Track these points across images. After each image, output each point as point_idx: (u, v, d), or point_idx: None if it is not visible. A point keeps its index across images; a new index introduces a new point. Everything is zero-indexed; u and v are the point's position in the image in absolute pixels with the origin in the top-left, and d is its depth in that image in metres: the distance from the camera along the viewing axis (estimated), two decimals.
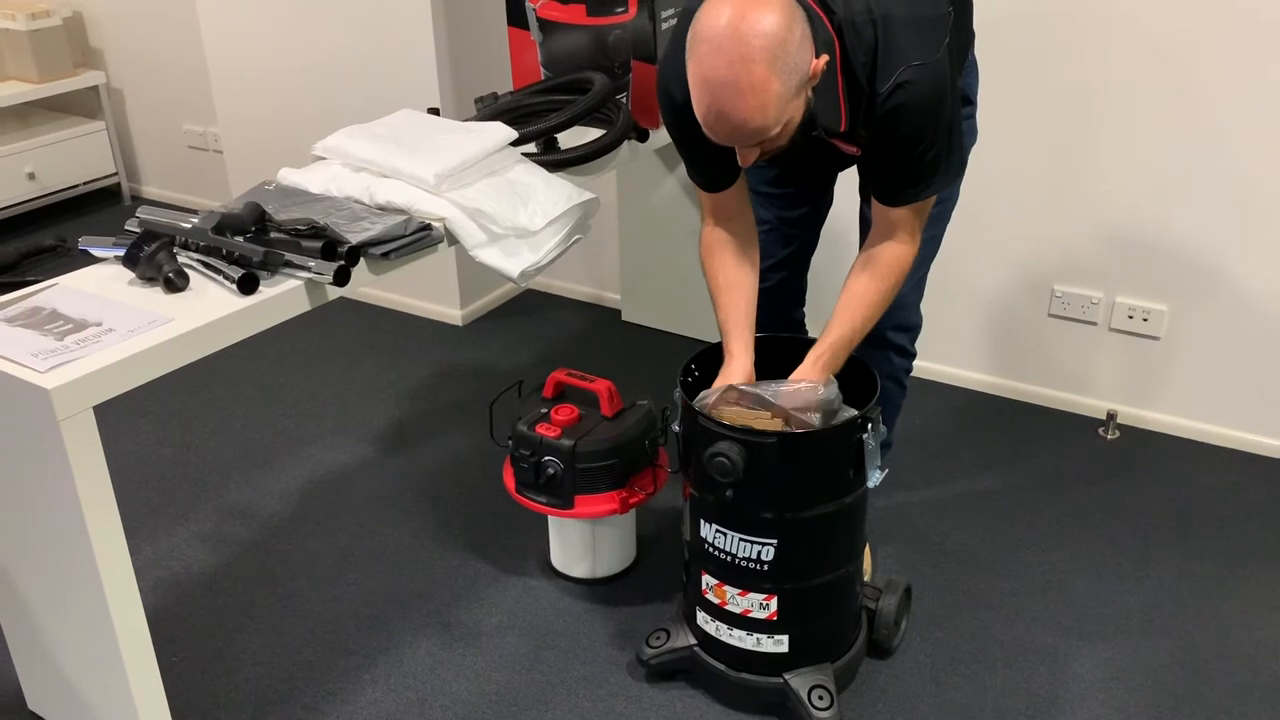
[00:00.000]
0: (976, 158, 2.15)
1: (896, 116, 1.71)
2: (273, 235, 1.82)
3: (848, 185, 2.19)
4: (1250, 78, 2.46)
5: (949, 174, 1.83)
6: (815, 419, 1.82)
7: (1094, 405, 2.90)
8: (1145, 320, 2.76)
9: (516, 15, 2.51)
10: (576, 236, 2.10)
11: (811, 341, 1.95)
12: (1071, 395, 2.94)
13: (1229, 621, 2.22)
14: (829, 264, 2.60)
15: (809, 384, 1.84)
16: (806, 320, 2.39)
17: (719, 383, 1.89)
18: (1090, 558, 2.40)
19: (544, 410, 2.24)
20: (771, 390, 1.85)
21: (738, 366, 1.91)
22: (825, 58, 1.63)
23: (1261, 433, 2.74)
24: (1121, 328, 2.80)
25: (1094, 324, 2.84)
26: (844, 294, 1.90)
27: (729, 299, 1.96)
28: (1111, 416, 2.84)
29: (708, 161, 1.92)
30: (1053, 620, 2.23)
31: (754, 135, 1.62)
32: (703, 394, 1.88)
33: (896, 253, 1.87)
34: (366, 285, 1.88)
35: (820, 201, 2.22)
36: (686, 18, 1.81)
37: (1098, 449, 2.79)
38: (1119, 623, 2.22)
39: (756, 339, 2.03)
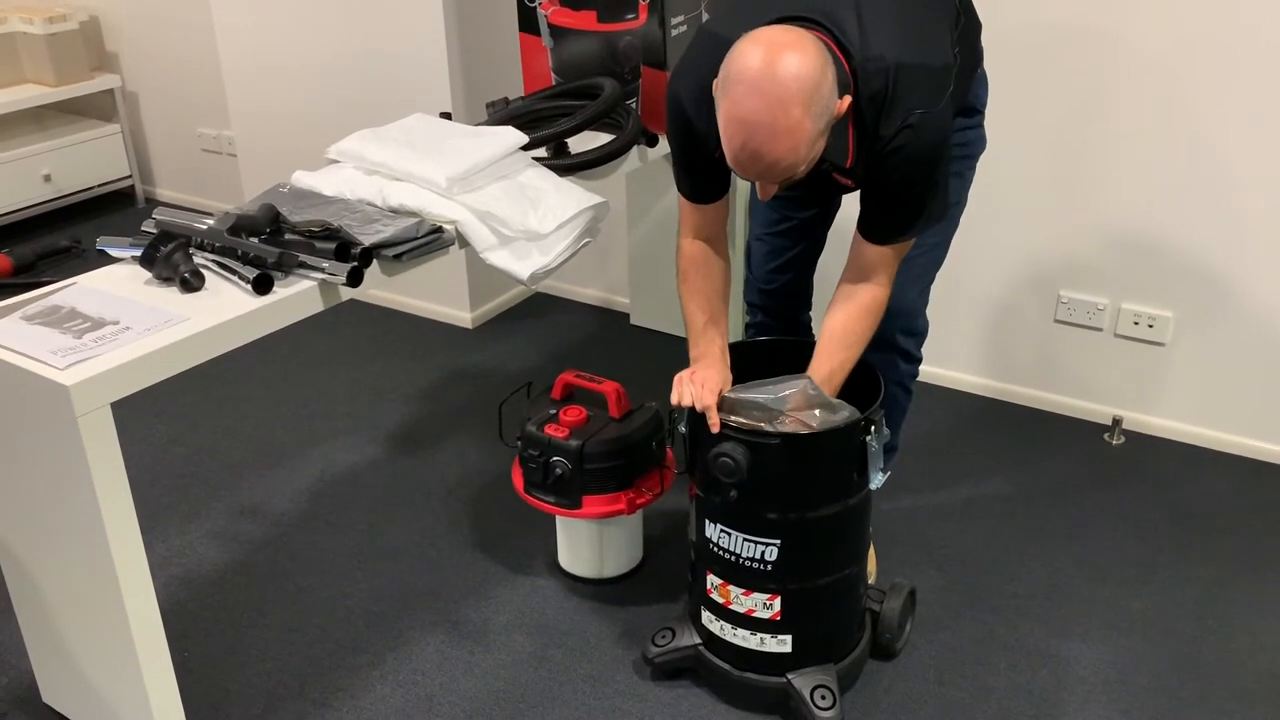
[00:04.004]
0: (985, 165, 2.17)
1: (894, 159, 1.75)
2: (287, 237, 1.85)
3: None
4: (1258, 88, 2.48)
5: (931, 220, 1.87)
6: (814, 418, 1.84)
7: (1099, 411, 2.92)
8: (1151, 326, 2.78)
9: (528, 21, 2.54)
10: (586, 240, 2.13)
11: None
12: (1077, 401, 2.95)
13: (1232, 626, 2.24)
14: (837, 268, 2.62)
15: (802, 382, 1.86)
16: (814, 324, 2.41)
17: (699, 372, 1.90)
18: (1094, 562, 2.42)
19: (552, 411, 2.26)
20: (766, 395, 1.87)
21: (719, 363, 1.93)
22: (848, 98, 1.67)
23: (1266, 439, 2.75)
24: (1127, 334, 2.82)
25: (1100, 330, 2.85)
26: (822, 334, 1.93)
27: (717, 305, 1.99)
28: (1117, 422, 2.86)
29: (704, 175, 1.95)
30: (1056, 623, 2.25)
31: (785, 173, 1.65)
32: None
33: (873, 295, 1.91)
34: (378, 287, 1.90)
35: (828, 204, 2.24)
36: (704, 38, 1.84)
37: (1103, 454, 2.80)
38: (1122, 626, 2.24)
39: (763, 342, 2.07)
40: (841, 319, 1.91)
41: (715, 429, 1.83)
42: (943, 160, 1.80)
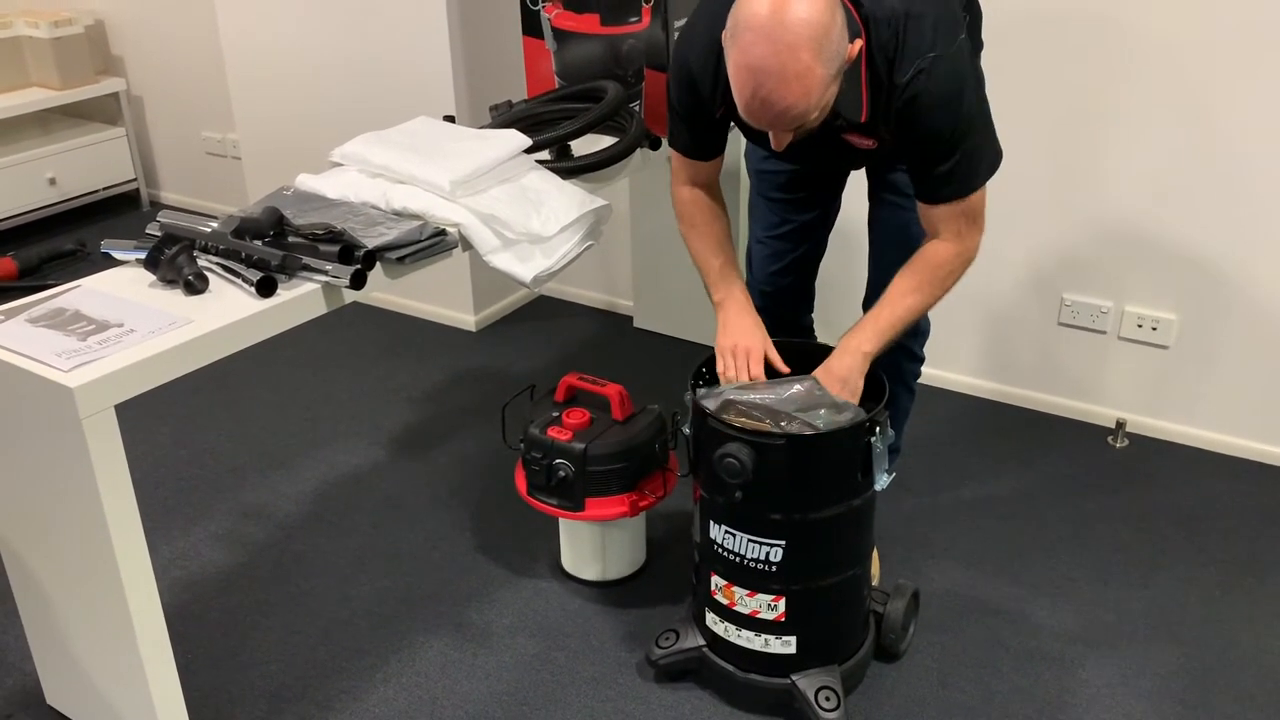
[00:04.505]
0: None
1: (915, 108, 1.74)
2: (290, 239, 1.85)
3: (856, 188, 2.21)
4: (1263, 86, 2.47)
5: (987, 169, 1.85)
6: (819, 418, 1.84)
7: (1103, 414, 2.92)
8: (1154, 329, 2.77)
9: (531, 25, 2.54)
10: (589, 243, 2.13)
11: (820, 347, 1.98)
12: (1081, 404, 2.95)
13: (1236, 629, 2.23)
14: (838, 270, 2.62)
15: (807, 383, 1.86)
16: (815, 326, 2.41)
17: (738, 342, 1.97)
18: (1098, 565, 2.41)
19: (556, 414, 2.26)
20: (770, 396, 1.87)
21: (747, 313, 2.01)
22: (860, 42, 1.67)
23: (1270, 442, 2.75)
24: (1131, 337, 2.82)
25: (1103, 333, 2.85)
26: (890, 284, 1.93)
27: (727, 247, 2.05)
28: (1120, 425, 2.85)
29: (703, 134, 1.97)
30: (1060, 626, 2.24)
31: (795, 120, 1.65)
32: (706, 392, 1.92)
33: (937, 249, 1.89)
34: (381, 290, 1.90)
35: (829, 206, 2.24)
36: (711, 1, 1.84)
37: (1106, 457, 2.80)
38: (1126, 630, 2.23)
39: None
40: (903, 272, 1.91)
41: (782, 366, 1.94)
42: (966, 103, 1.77)
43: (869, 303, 2.09)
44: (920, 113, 1.74)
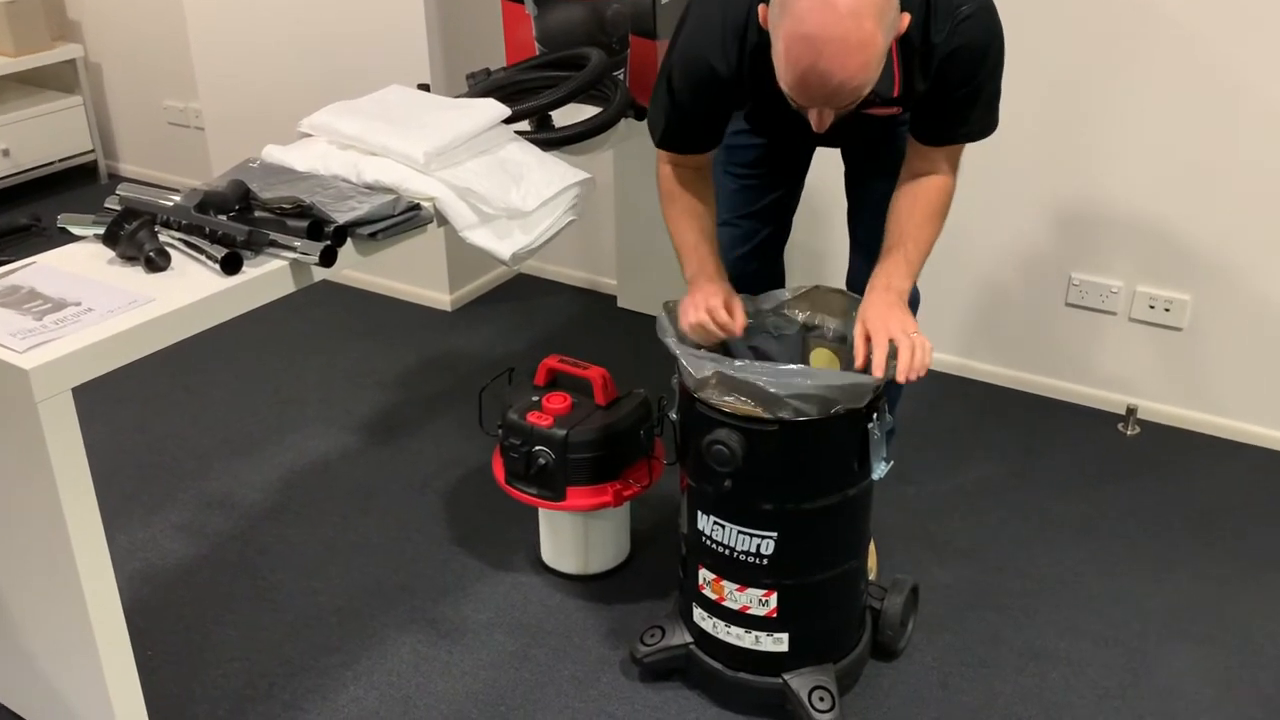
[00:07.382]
0: (992, 141, 2.17)
1: (956, 59, 1.77)
2: (257, 214, 1.85)
3: (823, 165, 2.21)
4: (1279, 62, 2.48)
5: (994, 116, 1.90)
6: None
7: (1113, 399, 2.93)
8: (1167, 310, 2.79)
9: None
10: (571, 218, 2.13)
11: None
12: (1089, 389, 2.96)
13: (1251, 625, 2.25)
14: (827, 251, 2.62)
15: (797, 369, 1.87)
16: None
17: (698, 294, 1.94)
18: (1106, 558, 2.43)
19: (535, 398, 2.27)
20: (765, 379, 1.87)
21: (716, 277, 1.98)
22: (908, 16, 1.68)
23: None
24: (1142, 318, 2.83)
25: (1113, 314, 2.86)
26: (889, 224, 1.93)
27: (706, 221, 2.03)
28: (1131, 411, 2.87)
29: (703, 131, 1.97)
30: (1067, 623, 2.26)
31: (852, 95, 1.63)
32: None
33: (939, 182, 1.92)
34: (353, 267, 1.91)
35: (794, 186, 2.25)
36: None
37: (1116, 445, 2.81)
38: (1136, 626, 2.25)
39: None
40: (906, 204, 1.92)
41: (740, 330, 1.91)
42: (1000, 47, 1.81)
43: (854, 284, 2.10)
44: (960, 63, 1.78)
